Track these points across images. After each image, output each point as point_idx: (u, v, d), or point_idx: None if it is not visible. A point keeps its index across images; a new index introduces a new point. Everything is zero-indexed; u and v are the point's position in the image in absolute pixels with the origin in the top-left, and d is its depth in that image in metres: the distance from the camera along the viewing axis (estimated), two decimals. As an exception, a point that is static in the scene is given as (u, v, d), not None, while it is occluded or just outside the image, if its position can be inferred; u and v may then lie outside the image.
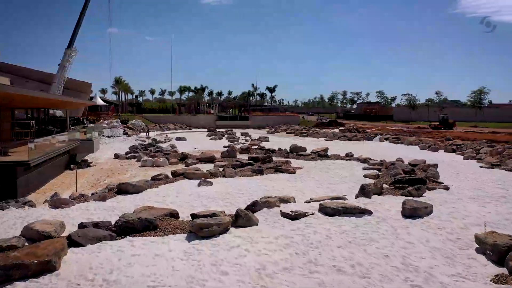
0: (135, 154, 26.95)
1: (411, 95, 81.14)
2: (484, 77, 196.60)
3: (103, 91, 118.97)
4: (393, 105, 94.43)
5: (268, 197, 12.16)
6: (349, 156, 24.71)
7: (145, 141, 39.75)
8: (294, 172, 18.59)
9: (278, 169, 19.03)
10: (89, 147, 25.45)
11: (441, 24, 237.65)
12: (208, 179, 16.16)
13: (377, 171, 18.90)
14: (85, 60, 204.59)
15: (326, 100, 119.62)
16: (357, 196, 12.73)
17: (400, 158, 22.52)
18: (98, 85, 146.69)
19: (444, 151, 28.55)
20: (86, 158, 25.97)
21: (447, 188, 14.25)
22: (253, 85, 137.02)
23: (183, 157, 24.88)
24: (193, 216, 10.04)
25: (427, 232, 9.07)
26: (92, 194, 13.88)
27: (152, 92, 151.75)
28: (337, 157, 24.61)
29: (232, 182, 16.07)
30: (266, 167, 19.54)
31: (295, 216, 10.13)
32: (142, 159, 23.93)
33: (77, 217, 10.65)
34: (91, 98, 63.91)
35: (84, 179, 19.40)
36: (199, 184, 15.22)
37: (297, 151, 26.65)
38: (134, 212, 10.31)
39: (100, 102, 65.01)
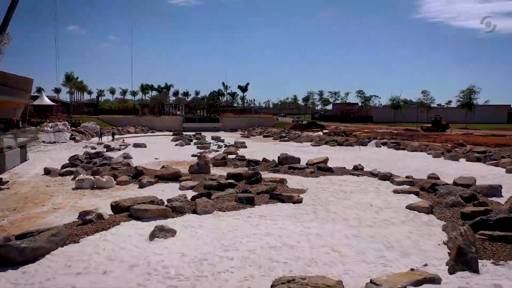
0: (73, 169, 19.81)
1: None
2: (452, 80, 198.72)
3: (57, 91, 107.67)
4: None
5: (290, 281, 5.96)
6: (359, 170, 18.86)
7: (95, 148, 32.36)
8: (300, 201, 12.46)
9: (275, 196, 12.86)
10: (-3, 162, 18.03)
11: (407, 28, 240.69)
12: (169, 222, 9.77)
13: (416, 195, 13.19)
14: (39, 58, 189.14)
15: (300, 101, 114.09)
16: (453, 269, 6.76)
17: (433, 173, 16.77)
18: (52, 84, 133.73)
19: (466, 160, 23.29)
20: (1, 176, 18.64)
21: None
22: (223, 83, 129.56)
23: (137, 174, 18.09)
24: None
25: None
26: None
27: (112, 91, 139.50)
28: (343, 171, 18.71)
29: (209, 226, 9.75)
30: (255, 191, 13.36)
31: None
32: (77, 178, 16.93)
33: None
34: (36, 97, 55.20)
35: (-27, 217, 12.32)
36: (152, 236, 8.78)
37: (289, 163, 20.52)
38: None
39: (46, 101, 56.17)
